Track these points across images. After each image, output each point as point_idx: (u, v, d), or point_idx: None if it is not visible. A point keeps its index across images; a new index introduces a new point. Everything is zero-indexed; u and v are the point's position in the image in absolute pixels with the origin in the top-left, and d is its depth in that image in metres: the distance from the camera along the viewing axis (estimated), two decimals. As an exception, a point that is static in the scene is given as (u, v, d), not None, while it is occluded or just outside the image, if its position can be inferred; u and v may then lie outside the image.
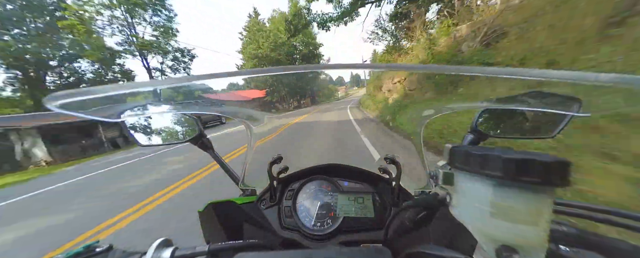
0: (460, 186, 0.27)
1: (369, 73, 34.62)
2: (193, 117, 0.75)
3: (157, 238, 0.37)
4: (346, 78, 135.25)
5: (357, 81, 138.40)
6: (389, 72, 10.49)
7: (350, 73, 15.21)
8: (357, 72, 37.03)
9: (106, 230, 2.68)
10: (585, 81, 0.24)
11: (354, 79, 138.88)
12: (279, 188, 0.65)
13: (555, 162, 0.20)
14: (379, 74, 13.72)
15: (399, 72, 7.83)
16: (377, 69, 0.63)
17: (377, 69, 0.72)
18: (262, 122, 0.74)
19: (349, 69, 0.33)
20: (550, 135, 0.55)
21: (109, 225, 2.79)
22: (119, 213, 3.06)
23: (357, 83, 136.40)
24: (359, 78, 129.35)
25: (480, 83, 4.83)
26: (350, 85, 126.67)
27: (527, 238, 0.23)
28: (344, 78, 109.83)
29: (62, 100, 0.25)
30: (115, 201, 3.70)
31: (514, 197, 0.22)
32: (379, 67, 0.73)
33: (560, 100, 0.40)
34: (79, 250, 0.36)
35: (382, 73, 12.24)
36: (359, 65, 0.30)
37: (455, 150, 0.28)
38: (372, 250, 0.33)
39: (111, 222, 2.85)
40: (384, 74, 12.05)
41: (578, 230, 0.32)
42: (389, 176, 0.59)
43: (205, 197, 2.64)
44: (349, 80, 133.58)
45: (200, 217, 0.61)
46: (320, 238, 0.55)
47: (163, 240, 0.37)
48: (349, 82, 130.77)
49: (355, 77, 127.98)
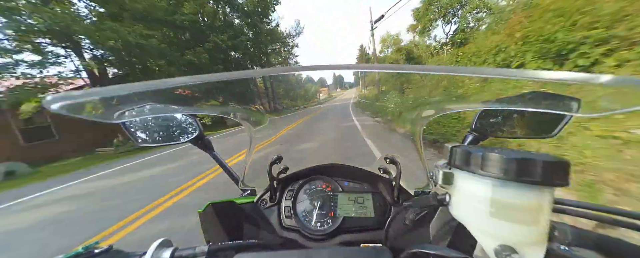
0: (460, 186, 0.27)
1: (362, 75, 32.08)
2: (193, 117, 0.75)
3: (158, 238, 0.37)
4: (329, 79, 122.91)
5: (340, 83, 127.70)
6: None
7: (332, 73, 12.26)
8: (340, 73, 29.02)
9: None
10: (586, 81, 0.24)
11: (336, 79, 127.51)
12: (279, 189, 0.65)
13: (554, 162, 0.20)
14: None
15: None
16: (374, 71, 0.62)
17: (374, 71, 0.72)
18: (262, 123, 0.74)
19: (350, 69, 0.33)
20: (550, 136, 0.55)
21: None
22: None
23: (340, 84, 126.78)
24: (342, 79, 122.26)
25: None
26: (334, 86, 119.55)
27: (526, 238, 0.23)
28: (326, 79, 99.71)
29: (61, 102, 0.25)
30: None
31: (513, 196, 0.22)
32: (378, 68, 0.73)
33: (560, 100, 0.40)
34: (79, 250, 0.36)
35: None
36: (360, 66, 0.30)
37: (455, 150, 0.28)
38: (372, 250, 0.33)
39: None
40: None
41: (577, 230, 0.32)
42: (388, 176, 0.59)
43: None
44: (331, 82, 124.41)
45: (200, 217, 0.61)
46: (320, 238, 0.55)
47: (163, 241, 0.37)
48: (332, 84, 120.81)
49: (338, 77, 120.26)
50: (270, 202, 0.63)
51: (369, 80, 30.14)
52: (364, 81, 35.98)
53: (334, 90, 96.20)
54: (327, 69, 0.30)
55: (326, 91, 68.85)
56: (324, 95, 62.15)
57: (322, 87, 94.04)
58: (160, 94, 0.37)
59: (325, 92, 69.39)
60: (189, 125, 0.76)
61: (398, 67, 0.28)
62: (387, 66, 0.37)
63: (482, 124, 0.60)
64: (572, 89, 0.39)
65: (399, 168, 0.55)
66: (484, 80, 4.81)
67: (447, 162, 0.29)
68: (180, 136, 0.75)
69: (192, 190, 3.46)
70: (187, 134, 0.75)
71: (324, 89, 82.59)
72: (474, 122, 0.60)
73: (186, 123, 0.76)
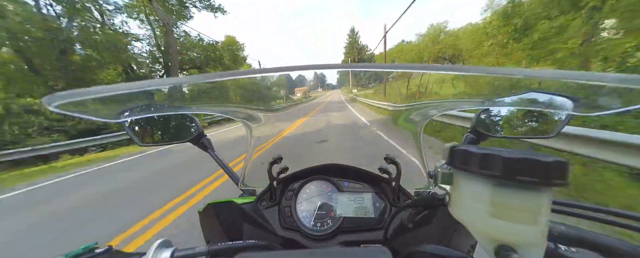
0: (460, 186, 0.27)
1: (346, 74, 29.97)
2: (193, 117, 0.75)
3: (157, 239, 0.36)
4: (308, 76, 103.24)
5: (322, 82, 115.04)
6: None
7: (313, 72, 11.62)
8: (323, 72, 25.62)
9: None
10: (586, 81, 0.24)
11: (318, 78, 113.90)
12: (279, 189, 0.65)
13: (553, 162, 0.20)
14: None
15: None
16: (372, 69, 0.60)
17: (371, 69, 0.69)
18: (261, 122, 0.73)
19: (348, 69, 0.33)
20: (550, 135, 0.55)
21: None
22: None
23: (322, 84, 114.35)
24: (323, 78, 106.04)
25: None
26: (314, 84, 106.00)
27: (526, 238, 0.23)
28: (305, 77, 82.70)
29: (61, 101, 0.25)
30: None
31: (512, 196, 0.22)
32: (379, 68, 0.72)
33: (559, 99, 0.40)
34: (78, 251, 0.36)
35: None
36: (359, 65, 0.29)
37: (454, 149, 0.28)
38: (372, 250, 0.33)
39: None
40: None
41: (576, 230, 0.32)
42: (388, 176, 0.59)
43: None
44: (312, 78, 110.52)
45: (200, 217, 0.61)
46: (320, 238, 0.55)
47: (162, 241, 0.37)
48: (312, 81, 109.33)
49: (320, 76, 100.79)
50: (270, 202, 0.63)
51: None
52: (356, 80, 34.76)
53: (314, 90, 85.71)
54: (327, 68, 0.30)
55: (302, 91, 60.65)
56: (299, 94, 55.59)
57: (301, 86, 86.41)
58: (160, 94, 0.37)
59: (301, 92, 61.50)
60: (189, 125, 0.76)
61: (394, 66, 0.28)
62: (383, 65, 0.37)
63: (481, 124, 0.60)
64: (572, 88, 0.38)
65: (399, 168, 0.55)
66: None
67: (447, 162, 0.29)
68: (180, 136, 0.75)
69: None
70: (187, 134, 0.75)
71: (301, 88, 74.20)
72: (474, 122, 0.60)
73: (186, 123, 0.76)
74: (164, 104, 0.47)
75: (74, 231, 2.67)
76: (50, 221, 3.05)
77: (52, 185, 4.96)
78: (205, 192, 3.39)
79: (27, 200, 4.11)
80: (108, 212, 3.15)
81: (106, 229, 2.60)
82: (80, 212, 3.25)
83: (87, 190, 4.26)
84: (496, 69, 0.27)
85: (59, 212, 3.30)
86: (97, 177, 5.20)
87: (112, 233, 2.47)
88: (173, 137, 0.75)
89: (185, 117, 0.75)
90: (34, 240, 2.58)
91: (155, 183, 4.20)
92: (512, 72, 0.26)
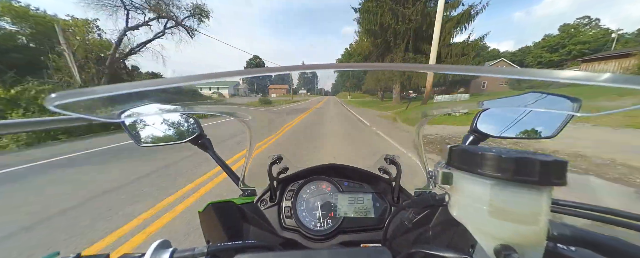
0: (459, 186, 0.27)
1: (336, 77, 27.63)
2: (193, 117, 0.75)
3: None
4: (294, 76, 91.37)
5: (311, 83, 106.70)
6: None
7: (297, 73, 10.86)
8: (315, 72, 21.70)
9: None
10: (586, 81, 0.24)
11: (306, 81, 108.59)
12: (279, 189, 0.65)
13: (552, 162, 0.20)
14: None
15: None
16: (370, 69, 0.61)
17: (369, 69, 0.69)
18: (261, 121, 0.73)
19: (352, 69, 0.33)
20: (550, 136, 0.55)
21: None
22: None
23: (311, 86, 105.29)
24: (314, 79, 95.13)
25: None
26: (299, 86, 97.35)
27: (525, 237, 0.23)
28: (291, 75, 79.34)
29: (61, 101, 0.25)
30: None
31: (512, 196, 0.23)
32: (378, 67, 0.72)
33: (560, 100, 0.40)
34: None
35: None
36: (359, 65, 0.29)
37: (454, 150, 0.28)
38: (372, 250, 0.33)
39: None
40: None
41: (576, 229, 0.32)
42: (388, 176, 0.59)
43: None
44: (296, 81, 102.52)
45: (200, 218, 0.61)
46: (320, 238, 0.55)
47: (161, 242, 0.37)
48: (296, 83, 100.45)
49: (310, 76, 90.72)
50: (270, 202, 0.63)
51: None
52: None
53: (298, 93, 76.77)
54: (326, 67, 0.30)
55: (282, 92, 53.27)
56: (275, 95, 47.01)
57: (283, 83, 75.41)
58: (161, 94, 0.37)
59: (277, 92, 53.82)
60: (189, 125, 0.76)
61: (394, 66, 0.28)
62: (383, 65, 0.37)
63: (481, 124, 0.60)
64: (571, 89, 0.38)
65: (399, 168, 0.55)
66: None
67: (447, 162, 0.29)
68: (180, 135, 0.75)
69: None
70: (187, 134, 0.75)
71: (280, 86, 65.25)
72: (474, 122, 0.60)
73: (186, 122, 0.76)
74: (164, 104, 0.47)
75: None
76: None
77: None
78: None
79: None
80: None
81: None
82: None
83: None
84: (496, 69, 0.27)
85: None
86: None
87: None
88: (173, 137, 0.74)
89: (185, 117, 0.75)
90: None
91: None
92: (513, 72, 0.26)
